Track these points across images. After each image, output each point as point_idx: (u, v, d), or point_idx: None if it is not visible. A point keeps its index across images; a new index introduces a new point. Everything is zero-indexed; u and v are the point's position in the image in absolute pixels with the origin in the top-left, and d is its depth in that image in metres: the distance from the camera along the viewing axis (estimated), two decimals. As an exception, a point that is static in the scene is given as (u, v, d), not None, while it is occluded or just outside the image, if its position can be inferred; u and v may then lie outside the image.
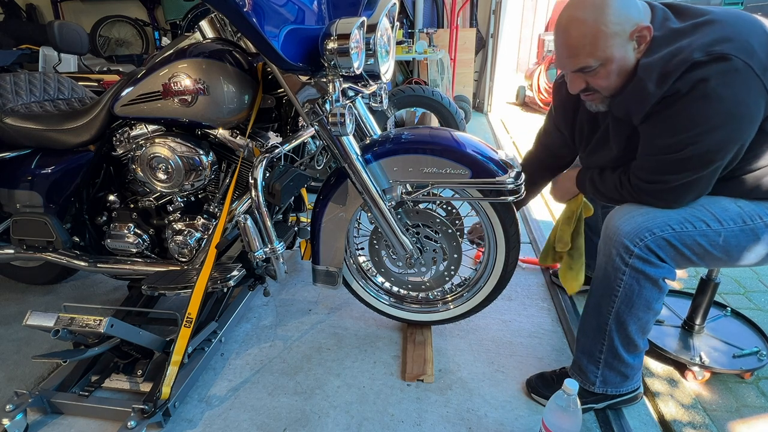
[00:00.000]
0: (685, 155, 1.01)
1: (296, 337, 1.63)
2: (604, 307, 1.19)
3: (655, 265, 1.10)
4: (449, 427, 1.27)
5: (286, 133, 1.46)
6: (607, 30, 0.99)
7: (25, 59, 3.65)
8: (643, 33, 1.00)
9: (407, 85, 3.29)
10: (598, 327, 1.21)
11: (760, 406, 1.33)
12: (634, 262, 1.10)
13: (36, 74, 1.70)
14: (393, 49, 1.29)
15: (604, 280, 1.17)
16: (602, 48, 1.00)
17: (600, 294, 1.19)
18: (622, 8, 0.99)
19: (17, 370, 1.51)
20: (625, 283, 1.13)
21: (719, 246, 1.09)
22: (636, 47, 1.02)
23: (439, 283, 1.52)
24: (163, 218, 1.52)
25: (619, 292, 1.15)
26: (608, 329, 1.19)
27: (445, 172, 1.24)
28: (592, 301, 1.23)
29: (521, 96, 5.65)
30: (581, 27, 1.01)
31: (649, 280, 1.11)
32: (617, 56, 1.02)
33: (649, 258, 1.09)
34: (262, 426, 1.28)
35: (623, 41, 1.01)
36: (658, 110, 1.01)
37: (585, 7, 1.01)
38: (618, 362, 1.22)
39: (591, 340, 1.24)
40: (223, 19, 1.35)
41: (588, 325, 1.25)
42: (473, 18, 5.09)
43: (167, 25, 5.40)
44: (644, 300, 1.14)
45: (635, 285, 1.12)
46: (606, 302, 1.18)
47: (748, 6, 3.84)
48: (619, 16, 0.99)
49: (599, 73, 1.05)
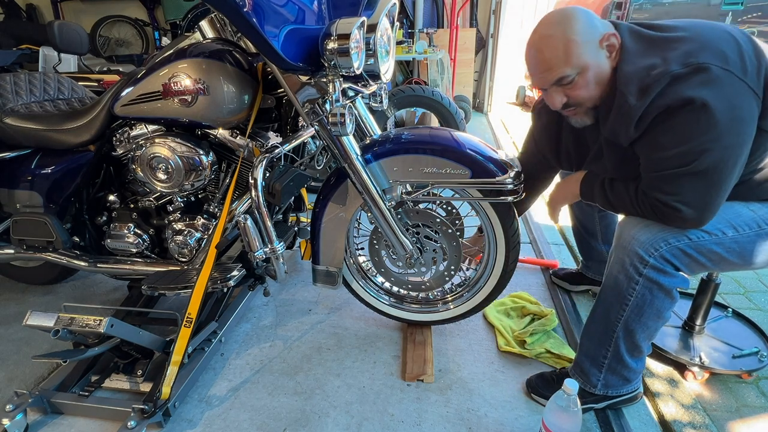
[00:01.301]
0: (700, 167, 0.98)
1: (296, 337, 1.63)
2: (613, 315, 1.17)
3: (669, 275, 1.09)
4: (449, 427, 1.27)
5: (286, 133, 1.46)
6: (578, 39, 1.01)
7: (25, 59, 3.65)
8: (611, 41, 1.02)
9: (407, 85, 3.29)
10: (605, 333, 1.20)
11: (760, 406, 1.33)
12: (648, 272, 1.09)
13: (36, 74, 1.70)
14: (393, 49, 1.29)
15: (615, 288, 1.16)
16: (576, 55, 1.02)
17: (610, 301, 1.18)
18: (586, 21, 1.02)
19: (17, 370, 1.51)
20: (637, 293, 1.12)
21: (735, 252, 1.08)
22: (608, 55, 1.04)
23: (439, 283, 1.52)
24: (163, 218, 1.52)
25: (631, 301, 1.13)
26: (615, 336, 1.18)
27: (445, 172, 1.24)
28: (601, 308, 1.22)
29: (521, 96, 5.65)
30: (551, 41, 1.03)
31: (662, 290, 1.10)
32: (591, 63, 1.03)
33: (665, 268, 1.08)
34: (262, 426, 1.28)
35: (594, 48, 1.02)
36: (652, 127, 1.00)
37: (551, 25, 1.04)
38: (622, 367, 1.22)
39: (596, 345, 1.23)
40: (223, 19, 1.35)
41: (593, 330, 1.24)
42: (473, 18, 5.09)
43: (167, 25, 5.40)
44: (655, 309, 1.13)
45: (648, 295, 1.11)
46: (615, 310, 1.17)
47: (748, 6, 3.84)
48: (585, 27, 1.02)
49: (577, 83, 1.05)
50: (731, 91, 0.94)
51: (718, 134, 0.95)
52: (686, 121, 0.96)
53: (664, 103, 0.96)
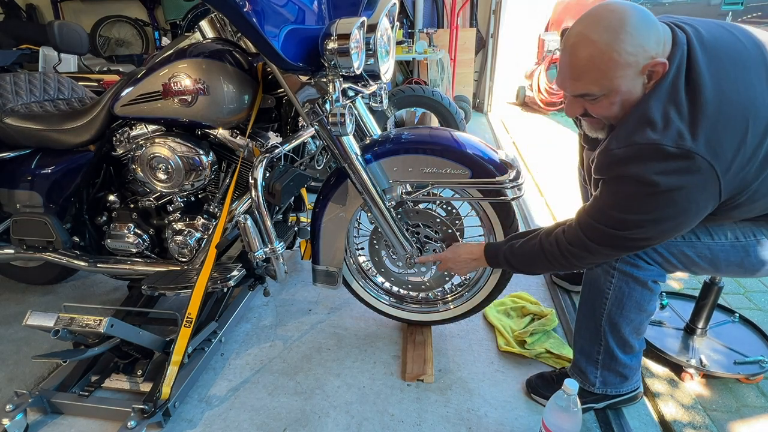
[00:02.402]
0: (627, 236, 0.98)
1: (296, 337, 1.63)
2: (597, 309, 1.18)
3: (642, 268, 1.09)
4: (449, 427, 1.27)
5: (286, 133, 1.46)
6: (619, 59, 0.87)
7: (25, 59, 3.65)
8: (657, 69, 0.89)
9: (407, 85, 3.29)
10: (594, 329, 1.21)
11: (760, 406, 1.33)
12: (621, 266, 1.10)
13: (36, 74, 1.70)
14: (393, 49, 1.29)
15: (594, 282, 1.17)
16: (610, 77, 0.90)
17: (592, 297, 1.19)
18: (640, 35, 0.86)
19: (17, 370, 1.51)
20: (614, 286, 1.13)
21: (707, 258, 1.08)
22: (646, 82, 0.92)
23: (439, 283, 1.52)
24: (163, 218, 1.52)
25: (610, 295, 1.14)
26: (602, 331, 1.19)
27: (445, 172, 1.24)
28: (585, 303, 1.23)
29: (521, 96, 5.65)
30: (591, 49, 0.89)
31: (638, 282, 1.11)
32: (623, 89, 0.91)
33: (636, 262, 1.09)
34: (262, 426, 1.28)
35: (634, 74, 0.90)
36: (611, 180, 0.97)
37: (599, 28, 0.88)
38: (615, 363, 1.22)
39: (588, 342, 1.24)
40: (223, 19, 1.35)
41: (584, 327, 1.25)
42: (473, 18, 5.08)
43: (167, 25, 5.40)
44: (635, 302, 1.13)
45: (624, 287, 1.12)
46: (598, 304, 1.17)
47: (748, 6, 3.84)
48: (635, 46, 0.87)
49: (601, 102, 0.95)
50: (699, 188, 0.90)
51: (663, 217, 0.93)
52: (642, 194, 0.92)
53: (635, 172, 0.90)
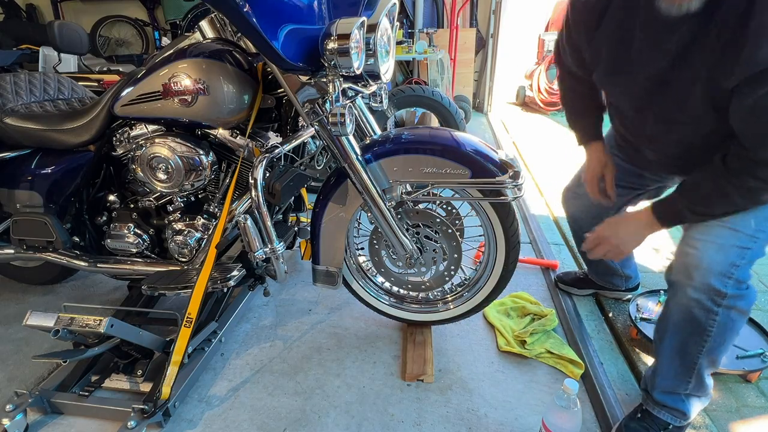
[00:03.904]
0: None
1: (296, 337, 1.63)
2: (693, 348, 1.11)
3: (745, 296, 1.05)
4: (449, 427, 1.27)
5: (286, 133, 1.46)
6: None
7: (25, 59, 3.65)
8: None
9: (407, 85, 3.29)
10: (685, 367, 1.14)
11: (760, 406, 1.33)
12: (728, 302, 1.04)
13: (36, 74, 1.70)
14: (393, 49, 1.29)
15: (691, 323, 1.08)
16: None
17: (685, 336, 1.11)
18: None
19: (17, 370, 1.51)
20: (718, 323, 1.06)
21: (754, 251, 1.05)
22: None
23: (439, 283, 1.52)
24: (163, 218, 1.52)
25: (712, 332, 1.07)
26: (698, 367, 1.13)
27: (445, 172, 1.24)
28: (675, 343, 1.13)
29: (521, 96, 5.65)
30: None
31: (742, 313, 1.06)
32: None
33: (741, 293, 1.04)
34: (262, 426, 1.28)
35: None
36: None
37: None
38: (703, 390, 1.19)
39: (674, 381, 1.17)
40: (223, 19, 1.35)
41: (670, 368, 1.17)
42: (473, 18, 5.09)
43: (167, 25, 5.40)
44: (736, 330, 1.08)
45: (729, 322, 1.06)
46: (695, 343, 1.10)
47: None
48: None
49: None
50: None
51: None
52: None
53: None
